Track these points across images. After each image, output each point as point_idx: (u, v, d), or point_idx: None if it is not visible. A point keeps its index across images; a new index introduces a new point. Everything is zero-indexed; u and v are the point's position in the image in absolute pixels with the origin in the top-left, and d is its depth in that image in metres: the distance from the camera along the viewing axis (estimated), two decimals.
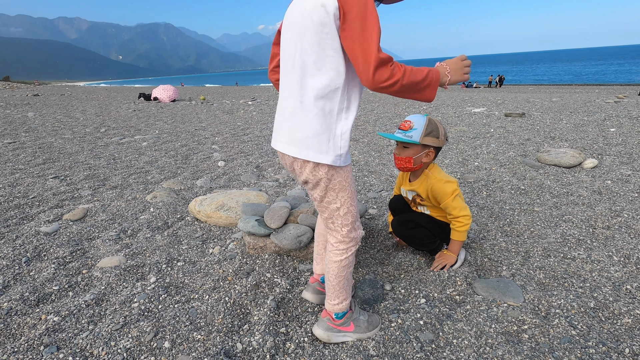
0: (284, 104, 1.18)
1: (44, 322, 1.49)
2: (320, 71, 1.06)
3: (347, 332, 1.36)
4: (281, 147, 1.19)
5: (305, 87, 1.09)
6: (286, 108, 1.16)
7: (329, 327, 1.36)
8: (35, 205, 2.83)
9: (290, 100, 1.14)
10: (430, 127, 1.69)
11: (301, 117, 1.11)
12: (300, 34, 1.07)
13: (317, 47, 1.04)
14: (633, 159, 3.73)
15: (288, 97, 1.15)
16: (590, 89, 18.36)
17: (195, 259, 2.03)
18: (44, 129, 6.69)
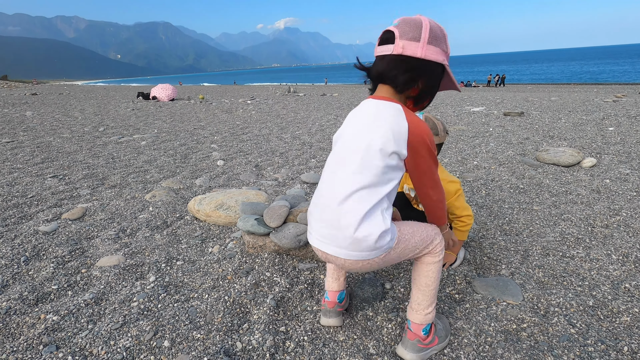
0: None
1: (43, 321, 1.48)
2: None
3: (434, 347, 1.30)
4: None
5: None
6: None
7: (420, 349, 1.26)
8: (34, 205, 2.82)
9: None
10: (428, 124, 1.67)
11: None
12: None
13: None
14: (631, 158, 3.74)
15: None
16: (589, 88, 18.40)
17: (195, 258, 2.02)
18: (42, 128, 6.67)
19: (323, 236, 1.15)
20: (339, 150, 1.16)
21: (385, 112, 1.09)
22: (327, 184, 1.15)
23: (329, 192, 1.13)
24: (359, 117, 1.16)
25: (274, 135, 5.93)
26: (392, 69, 1.07)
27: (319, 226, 1.16)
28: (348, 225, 1.07)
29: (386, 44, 1.06)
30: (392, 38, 1.05)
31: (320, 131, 6.21)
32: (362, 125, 1.12)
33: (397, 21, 1.06)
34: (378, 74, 1.13)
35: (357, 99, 12.87)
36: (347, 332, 1.43)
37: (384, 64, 1.09)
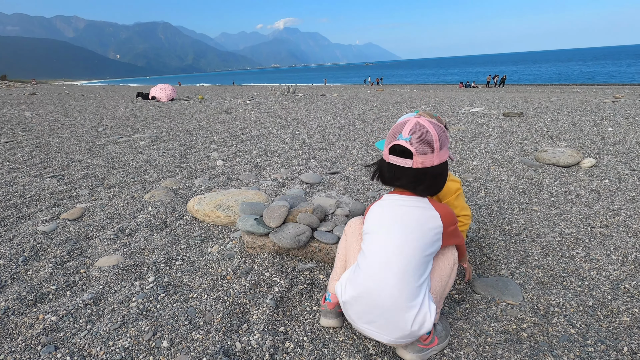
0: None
1: (41, 321, 1.48)
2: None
3: (435, 347, 1.31)
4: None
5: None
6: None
7: (420, 350, 1.27)
8: (33, 205, 2.81)
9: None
10: None
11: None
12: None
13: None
14: (630, 158, 3.74)
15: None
16: (588, 89, 18.43)
17: (194, 258, 2.02)
18: (41, 128, 6.66)
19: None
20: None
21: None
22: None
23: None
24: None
25: (274, 135, 5.92)
26: (414, 181, 1.21)
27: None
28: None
29: (403, 157, 1.18)
30: (409, 152, 1.17)
31: (319, 131, 6.21)
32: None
33: (408, 135, 1.16)
34: (402, 184, 1.24)
35: (356, 100, 12.88)
36: (347, 332, 1.42)
37: (408, 177, 1.20)
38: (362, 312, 1.21)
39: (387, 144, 1.22)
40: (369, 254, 1.23)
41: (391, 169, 1.22)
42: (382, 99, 12.88)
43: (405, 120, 1.21)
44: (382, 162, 1.26)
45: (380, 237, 1.23)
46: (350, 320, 1.28)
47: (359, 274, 1.23)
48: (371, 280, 1.19)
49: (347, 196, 2.76)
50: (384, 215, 1.26)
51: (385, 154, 1.22)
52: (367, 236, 1.28)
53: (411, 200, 1.24)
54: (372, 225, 1.28)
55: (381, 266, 1.18)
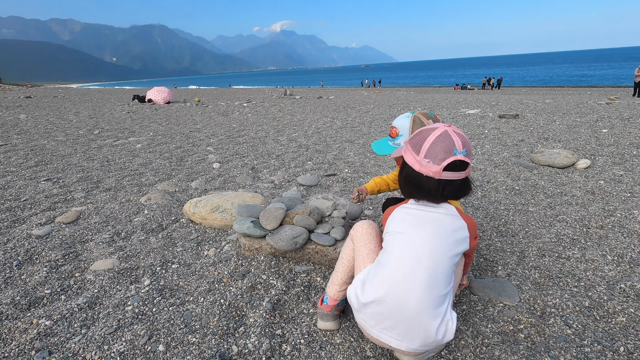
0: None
1: (35, 326, 1.46)
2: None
3: (432, 350, 1.28)
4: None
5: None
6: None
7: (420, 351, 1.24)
8: (27, 208, 2.79)
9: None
10: (416, 128, 1.61)
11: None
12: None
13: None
14: (625, 159, 3.77)
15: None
16: (583, 91, 18.59)
17: (190, 261, 2.01)
18: (37, 131, 6.62)
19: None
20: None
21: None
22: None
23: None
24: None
25: (270, 137, 5.92)
26: (462, 188, 1.20)
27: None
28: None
29: (458, 170, 1.15)
30: (465, 166, 1.17)
31: (316, 133, 6.21)
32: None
33: (463, 149, 1.15)
34: (449, 195, 1.19)
35: (353, 102, 12.91)
36: (344, 334, 1.42)
37: (454, 188, 1.18)
38: (382, 317, 1.15)
39: (438, 161, 1.12)
40: (395, 255, 1.17)
41: (441, 185, 1.15)
42: (379, 101, 12.92)
43: (439, 131, 1.15)
44: (425, 181, 1.16)
45: (409, 239, 1.17)
46: (365, 326, 1.21)
47: (383, 275, 1.16)
48: (398, 283, 1.13)
49: (344, 198, 2.76)
50: (413, 217, 1.21)
51: (435, 171, 1.13)
52: (391, 237, 1.22)
53: (442, 208, 1.20)
54: (399, 226, 1.21)
55: (411, 270, 1.12)
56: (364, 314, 1.19)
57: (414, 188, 1.21)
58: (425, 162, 1.14)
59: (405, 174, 1.22)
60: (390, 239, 1.22)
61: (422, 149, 1.15)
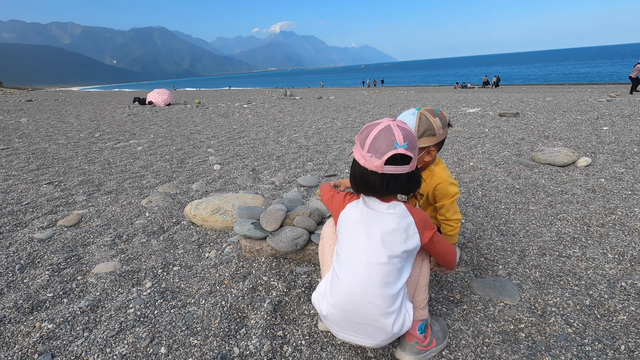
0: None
1: (38, 329, 1.47)
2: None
3: (433, 349, 1.31)
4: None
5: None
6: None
7: (419, 351, 1.27)
8: (29, 212, 2.80)
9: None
10: (422, 127, 1.57)
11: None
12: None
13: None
14: (626, 157, 3.76)
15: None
16: (583, 88, 18.55)
17: (191, 263, 2.01)
18: (38, 135, 6.64)
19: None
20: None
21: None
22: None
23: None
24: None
25: (271, 138, 5.93)
26: (408, 182, 1.19)
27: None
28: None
29: (401, 164, 1.14)
30: (407, 158, 1.15)
31: (317, 134, 6.21)
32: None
33: (404, 142, 1.13)
34: (395, 190, 1.19)
35: (353, 102, 12.91)
36: None
37: (399, 183, 1.17)
38: (345, 324, 1.20)
39: (379, 155, 1.13)
40: (346, 262, 1.20)
41: (385, 179, 1.15)
42: (379, 101, 12.92)
43: (382, 125, 1.16)
44: (368, 175, 1.17)
45: (358, 242, 1.20)
46: (330, 329, 1.26)
47: (338, 286, 1.20)
48: (352, 293, 1.17)
49: None
50: (362, 219, 1.22)
51: (377, 165, 1.13)
52: (343, 238, 1.25)
53: (390, 207, 1.21)
54: (350, 228, 1.24)
55: (362, 278, 1.16)
56: (328, 322, 1.25)
57: (361, 183, 1.21)
58: (369, 157, 1.15)
59: (353, 169, 1.24)
60: (341, 240, 1.26)
61: (365, 144, 1.16)
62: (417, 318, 1.29)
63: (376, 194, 1.22)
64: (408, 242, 1.18)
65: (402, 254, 1.17)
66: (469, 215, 2.55)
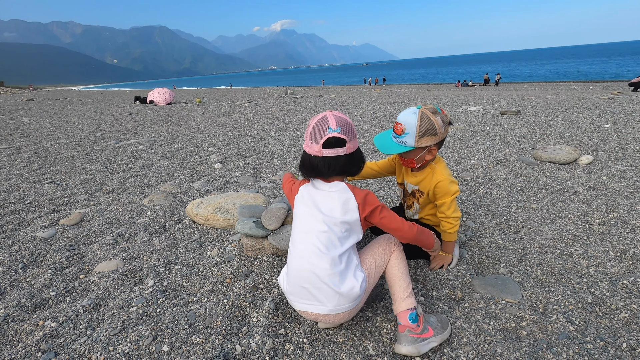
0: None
1: (41, 328, 1.48)
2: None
3: (431, 338, 1.33)
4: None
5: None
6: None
7: (414, 340, 1.30)
8: (31, 211, 2.81)
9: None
10: (424, 126, 1.56)
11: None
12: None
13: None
14: (628, 155, 3.75)
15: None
16: (585, 86, 18.48)
17: (193, 261, 2.02)
18: (39, 134, 6.66)
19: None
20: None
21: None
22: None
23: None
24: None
25: (272, 137, 5.93)
26: (349, 164, 1.35)
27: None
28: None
29: (337, 147, 1.29)
30: (342, 141, 1.29)
31: None
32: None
33: (337, 127, 1.29)
34: (333, 173, 1.35)
35: (354, 100, 12.90)
36: (347, 333, 1.43)
37: (340, 164, 1.33)
38: (299, 291, 1.33)
39: (317, 141, 1.29)
40: (296, 237, 1.37)
41: (326, 162, 1.31)
42: (380, 100, 12.90)
43: (320, 116, 1.31)
44: (313, 159, 1.33)
45: (305, 217, 1.36)
46: (293, 304, 1.38)
47: (291, 258, 1.36)
48: (300, 257, 1.32)
49: None
50: (308, 198, 1.38)
51: (316, 149, 1.29)
52: (296, 217, 1.41)
53: (332, 186, 1.36)
54: (298, 208, 1.41)
55: (307, 245, 1.31)
56: (290, 296, 1.38)
57: (309, 168, 1.37)
58: (310, 144, 1.32)
59: (302, 158, 1.40)
60: (295, 221, 1.42)
61: (307, 134, 1.33)
62: (404, 308, 1.35)
63: (321, 176, 1.37)
64: (347, 215, 1.33)
65: (341, 223, 1.32)
66: (470, 213, 2.55)
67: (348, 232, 1.34)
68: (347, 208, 1.33)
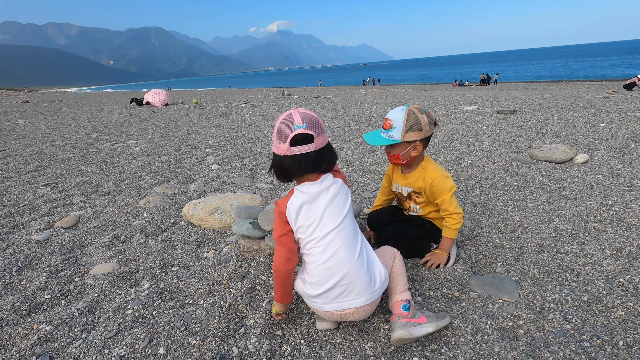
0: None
1: (35, 331, 1.46)
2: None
3: (424, 324, 1.33)
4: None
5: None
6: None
7: (405, 324, 1.32)
8: (26, 214, 2.79)
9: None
10: (410, 122, 1.64)
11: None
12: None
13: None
14: (623, 153, 3.77)
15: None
16: (580, 85, 18.59)
17: (190, 263, 2.01)
18: (35, 136, 6.62)
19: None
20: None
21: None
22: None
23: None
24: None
25: (269, 138, 5.92)
26: (317, 161, 1.30)
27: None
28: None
29: (305, 143, 1.25)
30: (309, 137, 1.25)
31: None
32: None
33: (303, 123, 1.24)
34: (307, 170, 1.31)
35: (351, 100, 12.91)
36: (344, 334, 1.42)
37: (311, 161, 1.28)
38: (335, 292, 1.30)
39: (284, 140, 1.25)
40: (313, 243, 1.31)
41: (295, 160, 1.27)
42: (377, 100, 12.91)
43: (285, 115, 1.28)
44: (282, 160, 1.29)
45: (316, 224, 1.31)
46: (317, 307, 1.34)
47: (314, 264, 1.31)
48: (327, 263, 1.28)
49: None
50: (312, 205, 1.32)
51: (284, 149, 1.25)
52: (301, 234, 1.33)
53: (321, 181, 1.33)
54: (302, 219, 1.33)
55: (331, 247, 1.28)
56: (316, 299, 1.34)
57: (280, 170, 1.33)
58: (278, 144, 1.27)
59: (272, 160, 1.35)
60: (302, 235, 1.33)
61: (274, 134, 1.29)
62: (399, 299, 1.39)
63: (295, 176, 1.34)
64: (348, 201, 1.36)
65: (347, 211, 1.33)
66: (467, 212, 2.55)
67: (353, 219, 1.38)
68: (345, 194, 1.36)
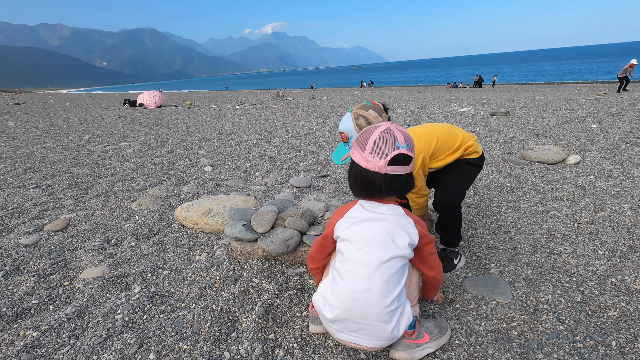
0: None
1: (22, 337, 1.43)
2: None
3: (426, 344, 1.30)
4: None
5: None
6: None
7: (408, 345, 1.27)
8: (15, 217, 2.74)
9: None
10: (361, 124, 1.57)
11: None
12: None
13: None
14: (614, 154, 3.81)
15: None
16: (572, 87, 18.80)
17: (182, 266, 1.98)
18: (25, 138, 6.52)
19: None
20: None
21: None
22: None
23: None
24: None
25: (263, 139, 5.90)
26: (407, 184, 1.22)
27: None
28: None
29: (402, 164, 1.17)
30: (409, 160, 1.19)
31: (309, 135, 6.20)
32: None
33: (405, 143, 1.17)
34: (395, 190, 1.21)
35: (346, 102, 12.92)
36: None
37: (400, 183, 1.20)
38: (348, 324, 1.20)
39: (382, 156, 1.15)
40: (349, 270, 1.20)
41: (387, 179, 1.17)
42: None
43: (382, 128, 1.18)
44: (371, 176, 1.18)
45: (362, 251, 1.20)
46: (332, 331, 1.26)
47: (340, 293, 1.19)
48: (355, 300, 1.17)
49: (337, 199, 2.76)
50: (363, 224, 1.23)
51: (380, 165, 1.15)
52: (344, 246, 1.24)
53: (389, 208, 1.24)
54: (350, 233, 1.24)
55: (366, 278, 1.16)
56: (328, 322, 1.25)
57: (362, 185, 1.22)
58: (371, 158, 1.16)
59: (354, 172, 1.23)
60: (344, 249, 1.23)
61: (367, 146, 1.17)
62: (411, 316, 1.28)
63: (377, 196, 1.23)
64: (407, 243, 1.20)
65: (403, 253, 1.19)
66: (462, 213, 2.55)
67: (406, 262, 1.23)
68: (408, 235, 1.21)
